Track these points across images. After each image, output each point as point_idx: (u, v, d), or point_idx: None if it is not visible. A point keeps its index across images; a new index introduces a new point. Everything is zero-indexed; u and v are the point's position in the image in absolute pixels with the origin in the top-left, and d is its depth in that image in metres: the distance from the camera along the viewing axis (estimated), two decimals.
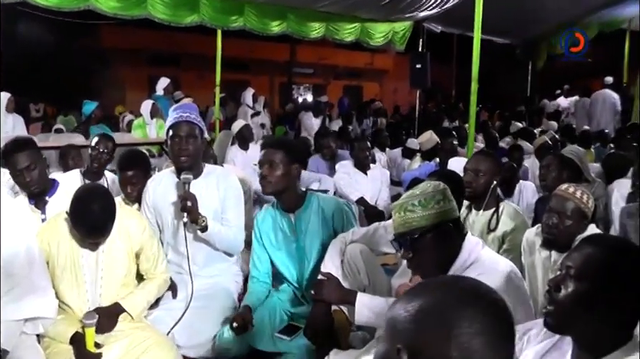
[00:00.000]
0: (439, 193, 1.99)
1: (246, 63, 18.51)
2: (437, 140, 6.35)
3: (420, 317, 0.99)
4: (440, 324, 0.97)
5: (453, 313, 0.98)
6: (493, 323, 0.98)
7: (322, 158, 6.09)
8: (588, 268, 1.45)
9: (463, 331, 0.96)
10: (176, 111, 3.00)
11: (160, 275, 2.77)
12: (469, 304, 0.99)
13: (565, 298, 1.47)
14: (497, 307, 1.01)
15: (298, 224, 2.98)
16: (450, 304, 0.99)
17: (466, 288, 1.04)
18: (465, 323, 0.96)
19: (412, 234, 1.97)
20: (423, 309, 0.99)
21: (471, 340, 0.95)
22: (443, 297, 1.01)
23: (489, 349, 0.96)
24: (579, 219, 2.60)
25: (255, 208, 4.96)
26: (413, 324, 0.99)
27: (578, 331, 1.49)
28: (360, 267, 2.75)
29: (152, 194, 3.12)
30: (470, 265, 1.99)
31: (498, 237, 3.09)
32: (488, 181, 3.15)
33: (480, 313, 0.98)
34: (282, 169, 2.83)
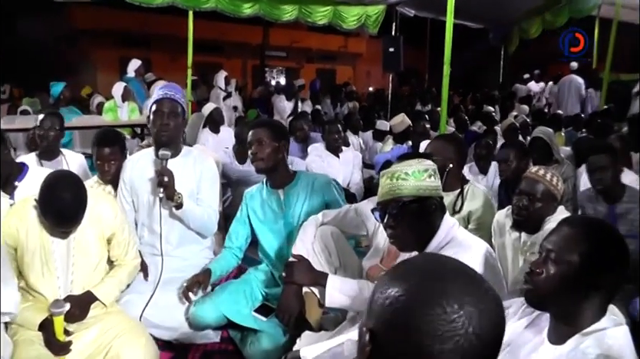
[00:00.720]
0: (431, 169, 2.03)
1: (219, 45, 18.31)
2: (409, 123, 6.37)
3: (391, 306, 0.92)
4: (406, 321, 0.89)
5: (420, 304, 0.89)
6: (481, 315, 0.89)
7: (295, 141, 6.06)
8: (567, 251, 1.49)
9: (426, 325, 0.87)
10: (162, 89, 3.06)
11: (130, 262, 2.72)
12: (441, 294, 0.89)
13: (546, 280, 1.51)
14: (487, 297, 0.92)
15: (287, 200, 3.03)
16: (421, 295, 0.90)
17: (447, 277, 0.94)
18: (431, 313, 0.87)
19: (399, 202, 1.97)
20: (396, 298, 0.92)
21: (446, 335, 0.87)
22: (419, 287, 0.91)
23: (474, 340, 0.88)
24: (549, 201, 2.62)
25: (225, 190, 4.93)
26: (383, 313, 0.93)
27: (557, 308, 1.53)
28: (331, 249, 2.76)
29: (129, 172, 3.15)
30: (446, 244, 2.01)
31: (463, 217, 3.12)
32: (441, 164, 3.15)
33: (451, 305, 0.88)
34: (270, 145, 2.92)
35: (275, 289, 3.01)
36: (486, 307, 0.90)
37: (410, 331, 0.88)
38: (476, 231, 3.01)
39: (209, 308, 2.82)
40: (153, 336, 2.77)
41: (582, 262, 1.47)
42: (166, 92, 3.01)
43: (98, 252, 2.56)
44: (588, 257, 1.47)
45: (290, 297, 2.62)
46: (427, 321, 0.87)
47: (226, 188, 4.97)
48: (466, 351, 0.87)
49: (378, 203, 2.07)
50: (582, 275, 1.47)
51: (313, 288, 2.62)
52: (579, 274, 1.47)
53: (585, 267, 1.47)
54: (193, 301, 2.87)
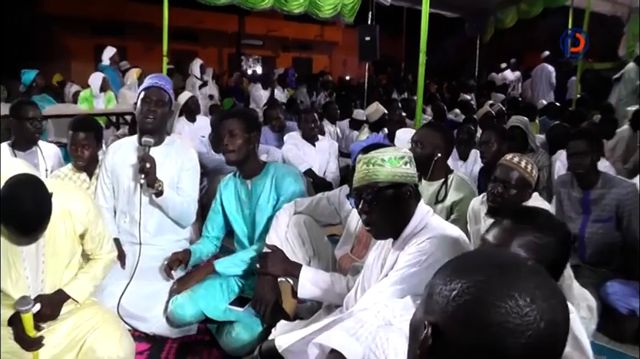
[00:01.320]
0: (407, 157, 2.04)
1: (195, 33, 18.12)
2: (384, 111, 6.39)
3: (459, 298, 0.87)
4: (477, 314, 0.85)
5: (490, 296, 0.85)
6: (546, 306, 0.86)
7: (271, 129, 6.03)
8: (509, 243, 1.51)
9: (498, 317, 0.84)
10: (151, 78, 3.12)
11: (105, 256, 2.61)
12: (511, 286, 0.86)
13: None
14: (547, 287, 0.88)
15: (254, 190, 3.02)
16: (491, 286, 0.86)
17: (516, 269, 0.91)
18: (503, 305, 0.84)
19: (374, 187, 1.97)
20: (464, 290, 0.87)
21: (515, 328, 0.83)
22: (488, 280, 0.87)
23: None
24: (524, 187, 2.64)
25: (203, 179, 4.89)
26: (448, 306, 0.88)
27: None
28: (305, 238, 2.77)
29: (111, 158, 3.17)
30: (420, 231, 2.01)
31: (446, 207, 3.12)
32: (429, 152, 3.16)
33: (523, 297, 0.85)
34: (241, 137, 2.90)
35: (251, 279, 3.00)
36: (555, 302, 0.87)
37: (483, 324, 0.84)
38: (457, 221, 3.02)
39: (188, 305, 2.80)
40: (130, 326, 2.75)
41: (525, 255, 1.47)
42: (156, 81, 3.06)
43: (70, 250, 2.43)
44: (531, 252, 1.47)
45: (265, 287, 2.63)
46: (499, 314, 0.83)
47: (202, 177, 4.93)
48: (537, 347, 0.84)
49: (354, 189, 2.07)
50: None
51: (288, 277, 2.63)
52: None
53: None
54: (172, 298, 2.84)
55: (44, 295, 2.32)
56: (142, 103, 3.02)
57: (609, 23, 12.31)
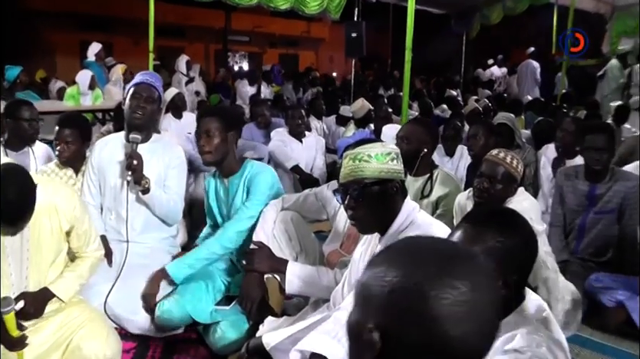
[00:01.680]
0: (394, 153, 2.04)
1: (181, 29, 18.02)
2: (369, 107, 6.40)
3: (394, 294, 0.84)
4: (419, 305, 0.83)
5: (433, 289, 0.83)
6: (479, 290, 0.85)
7: (257, 126, 6.02)
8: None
9: (445, 308, 0.82)
10: (142, 75, 3.12)
11: (92, 254, 2.56)
12: (450, 274, 0.85)
13: None
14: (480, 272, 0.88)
15: (230, 189, 2.99)
16: (430, 278, 0.84)
17: (446, 254, 0.90)
18: (447, 296, 0.83)
19: (360, 183, 1.97)
20: (399, 286, 0.85)
21: (456, 315, 0.82)
22: (422, 268, 0.85)
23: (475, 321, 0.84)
24: (509, 182, 2.66)
25: (189, 176, 4.86)
26: (389, 306, 0.85)
27: None
28: (291, 234, 2.76)
29: (98, 155, 3.14)
30: (406, 227, 2.01)
31: (432, 202, 3.14)
32: (416, 148, 3.17)
33: (464, 284, 0.84)
34: (218, 136, 2.84)
35: (237, 276, 3.00)
36: (492, 280, 0.88)
37: (430, 319, 0.82)
38: (443, 216, 3.03)
39: (175, 310, 2.76)
40: (117, 325, 2.73)
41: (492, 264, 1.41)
42: (147, 78, 3.06)
43: (55, 247, 2.39)
44: (495, 258, 1.40)
45: (252, 284, 2.62)
46: (445, 305, 0.82)
47: (189, 174, 4.90)
48: (482, 332, 0.85)
49: (340, 184, 2.08)
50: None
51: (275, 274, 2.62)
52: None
53: (496, 268, 1.37)
54: (158, 304, 2.80)
55: (28, 293, 2.27)
56: (131, 99, 3.00)
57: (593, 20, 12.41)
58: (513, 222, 1.49)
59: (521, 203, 2.66)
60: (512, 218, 1.51)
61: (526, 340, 1.35)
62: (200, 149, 2.87)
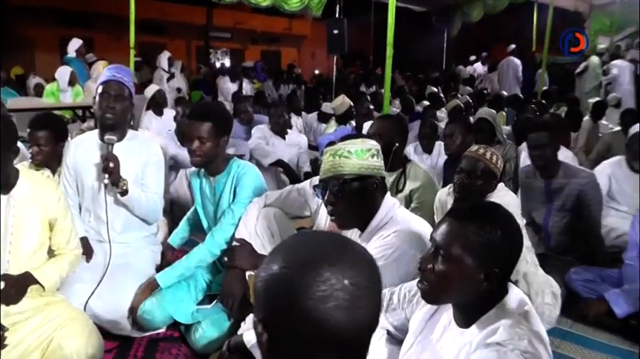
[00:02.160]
0: (374, 149, 2.05)
1: (162, 26, 17.85)
2: (350, 104, 6.41)
3: (272, 288, 0.89)
4: (286, 294, 0.87)
5: (302, 279, 0.87)
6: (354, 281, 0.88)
7: (239, 123, 5.99)
8: (456, 248, 1.46)
9: (314, 299, 0.86)
10: (110, 70, 2.95)
11: (71, 251, 2.56)
12: (320, 265, 0.88)
13: (437, 277, 1.49)
14: (358, 263, 0.91)
15: (217, 188, 2.96)
16: (300, 269, 0.88)
17: (310, 244, 0.94)
18: (311, 290, 0.87)
19: (339, 179, 1.98)
20: (273, 279, 0.89)
21: (324, 305, 0.86)
22: (295, 260, 0.90)
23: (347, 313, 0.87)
24: (489, 178, 2.69)
25: (170, 173, 4.84)
26: (266, 296, 0.90)
27: (453, 300, 1.54)
28: (274, 231, 2.75)
29: (73, 155, 3.03)
30: (386, 223, 2.02)
31: (405, 196, 3.17)
32: (388, 143, 3.19)
33: (335, 274, 0.88)
34: (211, 142, 2.78)
35: (219, 276, 2.98)
36: (356, 258, 0.91)
37: (297, 308, 0.86)
38: (418, 209, 3.06)
39: (156, 312, 2.73)
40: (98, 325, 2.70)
41: (474, 259, 1.44)
42: (113, 74, 2.91)
43: (40, 235, 2.39)
44: (480, 252, 1.44)
45: (233, 281, 2.62)
46: (305, 288, 0.86)
47: (171, 171, 4.87)
48: (349, 304, 0.87)
49: (320, 180, 2.09)
50: (476, 271, 1.44)
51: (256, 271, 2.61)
52: (472, 271, 1.44)
53: (479, 263, 1.44)
54: (140, 305, 2.75)
55: (9, 275, 2.26)
56: (100, 98, 2.88)
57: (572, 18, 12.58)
58: (498, 216, 1.50)
59: (501, 199, 2.68)
60: (497, 212, 1.52)
61: (508, 334, 1.37)
62: (190, 152, 2.81)
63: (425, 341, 1.63)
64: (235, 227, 2.82)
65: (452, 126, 3.96)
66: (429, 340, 1.62)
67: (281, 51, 22.07)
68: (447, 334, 1.57)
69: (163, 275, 2.83)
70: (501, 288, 1.50)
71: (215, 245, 2.86)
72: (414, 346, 1.66)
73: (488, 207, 1.59)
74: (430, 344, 1.61)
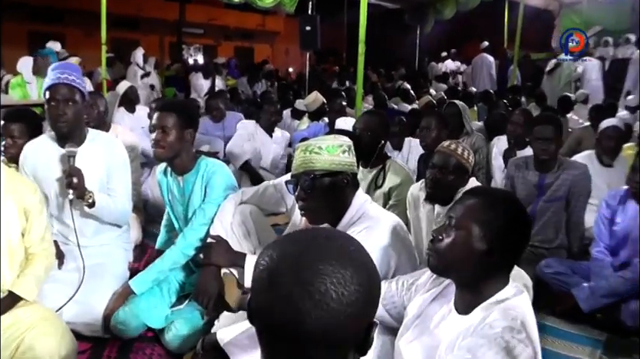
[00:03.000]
0: (346, 145, 2.06)
1: (135, 21, 17.62)
2: (323, 101, 6.41)
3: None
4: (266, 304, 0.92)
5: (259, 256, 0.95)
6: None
7: (212, 120, 5.95)
8: (466, 218, 1.54)
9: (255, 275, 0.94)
10: (54, 71, 2.76)
11: (44, 251, 2.47)
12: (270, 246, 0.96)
13: (446, 245, 1.55)
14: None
15: (186, 187, 2.91)
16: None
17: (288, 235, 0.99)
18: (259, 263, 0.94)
19: (310, 174, 2.00)
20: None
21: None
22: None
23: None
24: (460, 173, 2.71)
25: (144, 170, 4.79)
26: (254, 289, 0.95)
27: (459, 274, 1.57)
28: (250, 228, 2.73)
29: (31, 161, 2.90)
30: (357, 219, 2.03)
31: (384, 193, 3.19)
32: (375, 140, 3.22)
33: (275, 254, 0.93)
34: (175, 133, 2.73)
35: (192, 277, 2.96)
36: (284, 241, 0.95)
37: (274, 313, 0.89)
38: (396, 207, 3.08)
39: (130, 320, 2.68)
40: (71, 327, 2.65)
41: (480, 230, 1.51)
42: (58, 76, 2.71)
43: (17, 228, 2.34)
44: (487, 225, 1.52)
45: (209, 279, 2.59)
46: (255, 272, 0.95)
47: (144, 167, 4.82)
48: (269, 269, 0.91)
49: (292, 175, 2.11)
50: (481, 243, 1.51)
51: (232, 269, 2.60)
52: (478, 241, 1.51)
53: (484, 235, 1.51)
54: (114, 313, 2.71)
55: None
56: (49, 105, 2.71)
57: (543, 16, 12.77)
58: (511, 204, 1.58)
59: None
60: (511, 201, 1.61)
61: (501, 315, 1.44)
62: (154, 143, 2.75)
63: (422, 326, 1.66)
64: (206, 227, 2.78)
65: (428, 120, 4.00)
66: (426, 326, 1.65)
67: (254, 47, 21.95)
68: (446, 321, 1.60)
69: (136, 280, 2.79)
70: (503, 278, 1.56)
71: (187, 246, 2.83)
72: (411, 329, 1.69)
73: (505, 194, 1.73)
74: (428, 330, 1.64)
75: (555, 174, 3.51)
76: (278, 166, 5.37)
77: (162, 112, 2.75)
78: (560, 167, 3.51)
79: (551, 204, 3.53)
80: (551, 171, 3.52)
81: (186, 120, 2.79)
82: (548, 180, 3.53)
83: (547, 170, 3.53)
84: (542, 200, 3.55)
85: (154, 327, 2.74)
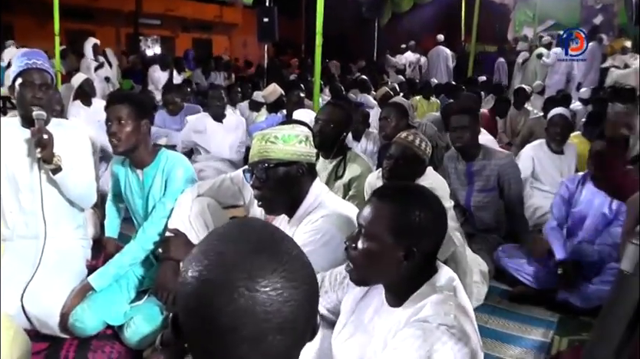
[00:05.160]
0: (302, 135, 2.06)
1: (89, 12, 17.18)
2: (281, 92, 6.40)
3: (186, 291, 0.83)
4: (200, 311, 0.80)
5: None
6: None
7: (169, 114, 5.87)
8: (377, 226, 1.49)
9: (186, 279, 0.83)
10: (26, 56, 2.73)
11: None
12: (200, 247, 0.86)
13: (360, 256, 1.52)
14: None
15: (146, 181, 2.87)
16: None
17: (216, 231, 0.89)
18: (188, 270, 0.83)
19: (266, 163, 2.00)
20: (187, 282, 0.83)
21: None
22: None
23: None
24: (417, 164, 2.77)
25: (101, 165, 4.71)
26: (181, 296, 0.84)
27: (378, 280, 1.57)
28: (208, 221, 2.71)
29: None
30: (314, 208, 2.05)
31: (344, 184, 3.21)
32: (338, 131, 3.24)
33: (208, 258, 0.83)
34: (130, 125, 2.69)
35: (151, 270, 2.91)
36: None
37: (210, 322, 0.81)
38: (355, 198, 3.11)
39: (88, 318, 2.62)
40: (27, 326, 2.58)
41: (394, 238, 1.46)
42: (34, 61, 2.71)
43: None
44: (400, 232, 1.46)
45: (168, 273, 2.57)
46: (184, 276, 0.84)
47: (101, 162, 4.73)
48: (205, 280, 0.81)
49: (248, 164, 2.10)
50: (396, 251, 1.46)
51: None
52: (392, 249, 1.47)
53: (398, 243, 1.46)
54: (72, 312, 2.63)
55: None
56: (22, 89, 2.69)
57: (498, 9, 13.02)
58: (420, 198, 1.52)
59: (430, 183, 2.75)
60: (419, 193, 1.55)
61: (434, 310, 1.41)
62: (110, 137, 2.71)
63: (357, 322, 1.66)
64: (167, 220, 2.75)
65: (388, 110, 4.06)
66: (361, 321, 1.65)
67: (212, 39, 21.72)
68: (379, 314, 1.60)
69: (96, 276, 2.73)
70: (429, 267, 1.53)
71: (147, 240, 2.79)
72: (346, 327, 1.68)
73: (411, 189, 1.61)
74: (362, 324, 1.63)
75: (481, 162, 3.62)
76: (235, 155, 5.27)
77: (115, 104, 2.72)
78: (486, 156, 3.62)
79: (485, 194, 3.65)
80: (476, 159, 3.63)
81: (141, 111, 2.76)
82: (475, 168, 3.64)
83: (472, 158, 3.63)
84: (474, 191, 3.67)
85: (113, 324, 2.69)
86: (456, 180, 3.73)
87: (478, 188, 3.65)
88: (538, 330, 2.94)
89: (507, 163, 3.61)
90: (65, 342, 2.67)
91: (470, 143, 3.58)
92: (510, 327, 2.96)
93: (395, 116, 3.95)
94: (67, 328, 2.64)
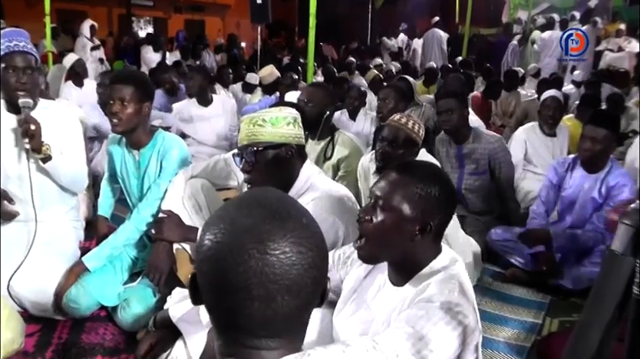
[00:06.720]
0: (290, 117, 2.06)
1: None
2: (278, 75, 6.38)
3: (205, 255, 0.88)
4: (217, 274, 0.87)
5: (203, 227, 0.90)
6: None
7: (165, 93, 5.82)
8: (394, 198, 1.51)
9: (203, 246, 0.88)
10: (7, 38, 2.64)
11: None
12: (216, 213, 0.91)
13: (376, 228, 1.53)
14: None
15: (142, 161, 2.85)
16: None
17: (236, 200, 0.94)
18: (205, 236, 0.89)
19: (255, 146, 2.00)
20: (207, 248, 0.88)
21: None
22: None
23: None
24: (410, 146, 2.76)
25: (94, 145, 4.68)
26: (200, 259, 0.89)
27: (388, 255, 1.57)
28: (201, 202, 2.71)
29: None
30: (305, 191, 2.05)
31: (333, 165, 3.22)
32: (319, 111, 3.23)
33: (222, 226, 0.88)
34: (133, 106, 2.66)
35: (145, 251, 2.91)
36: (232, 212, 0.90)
37: (224, 284, 0.86)
38: (344, 178, 3.11)
39: (82, 298, 2.62)
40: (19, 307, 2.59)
41: (411, 209, 1.49)
42: (16, 44, 2.62)
43: None
44: (417, 203, 1.49)
45: (160, 254, 2.57)
46: (202, 242, 0.89)
47: (94, 142, 4.71)
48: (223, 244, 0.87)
49: (238, 148, 2.11)
50: (413, 222, 1.49)
51: (184, 244, 2.58)
52: (408, 219, 1.49)
53: (415, 213, 1.49)
54: (66, 293, 2.64)
55: None
56: (5, 72, 2.61)
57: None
58: (436, 174, 1.58)
59: None
60: (435, 170, 1.62)
61: (438, 288, 1.43)
62: (111, 116, 2.68)
63: (359, 300, 1.67)
64: (161, 201, 2.74)
65: (386, 91, 4.07)
66: (363, 299, 1.66)
67: (205, 20, 21.53)
68: (382, 293, 1.61)
69: (90, 257, 2.72)
70: (436, 246, 1.57)
71: (141, 221, 2.78)
72: (347, 305, 1.70)
73: (428, 165, 1.68)
74: (365, 303, 1.65)
75: (471, 146, 3.64)
76: (224, 142, 5.08)
77: (119, 84, 2.68)
78: (476, 139, 3.63)
79: (476, 177, 3.67)
80: (466, 141, 3.64)
81: (143, 93, 2.73)
82: (465, 151, 3.66)
83: (462, 141, 3.65)
84: (465, 174, 3.69)
85: (107, 305, 2.69)
86: (447, 163, 3.73)
87: (469, 171, 3.67)
88: (529, 311, 2.97)
89: (498, 146, 3.63)
90: (58, 324, 2.67)
91: (458, 125, 3.59)
92: (502, 309, 2.99)
93: (393, 98, 3.94)
94: (61, 308, 2.64)
